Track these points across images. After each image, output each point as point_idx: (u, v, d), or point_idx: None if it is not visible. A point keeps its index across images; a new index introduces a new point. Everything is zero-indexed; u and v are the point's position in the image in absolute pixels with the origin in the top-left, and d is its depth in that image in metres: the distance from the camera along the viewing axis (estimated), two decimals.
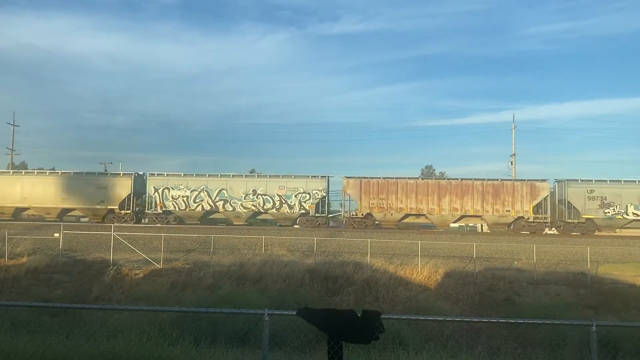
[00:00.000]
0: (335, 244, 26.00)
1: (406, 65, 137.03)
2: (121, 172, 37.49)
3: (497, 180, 33.91)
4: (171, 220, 34.52)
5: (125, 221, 34.26)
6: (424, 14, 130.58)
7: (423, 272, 21.22)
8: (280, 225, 34.51)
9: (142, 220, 35.67)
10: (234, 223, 34.47)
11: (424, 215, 33.79)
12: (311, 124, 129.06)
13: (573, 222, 32.34)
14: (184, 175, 35.54)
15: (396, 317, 7.61)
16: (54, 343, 7.11)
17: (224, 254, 24.47)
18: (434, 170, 74.97)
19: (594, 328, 5.26)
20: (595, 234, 32.06)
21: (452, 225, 34.67)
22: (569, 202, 32.54)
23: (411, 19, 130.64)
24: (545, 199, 33.16)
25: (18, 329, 9.05)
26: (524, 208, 32.90)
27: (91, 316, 12.95)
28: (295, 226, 34.19)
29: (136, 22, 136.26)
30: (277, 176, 35.18)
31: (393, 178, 34.05)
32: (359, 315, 4.90)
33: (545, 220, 33.00)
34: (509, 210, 32.91)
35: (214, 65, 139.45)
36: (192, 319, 11.92)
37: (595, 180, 32.97)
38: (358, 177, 34.24)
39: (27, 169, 61.90)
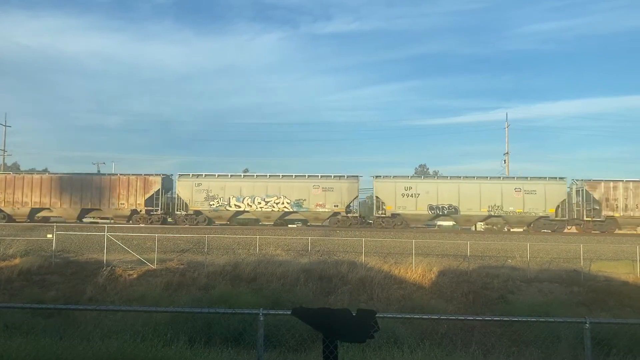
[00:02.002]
0: (330, 244, 26.01)
1: (400, 65, 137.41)
2: None
3: (116, 175, 36.01)
4: None
5: None
6: (417, 14, 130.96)
7: (417, 270, 21.26)
8: None
9: None
10: None
11: (48, 209, 35.38)
12: (305, 123, 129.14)
13: (181, 215, 34.35)
14: None
15: (391, 315, 7.62)
16: (47, 344, 7.09)
17: (218, 254, 24.41)
18: (428, 169, 75.14)
19: (587, 325, 5.28)
20: (197, 224, 33.64)
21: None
22: (178, 195, 34.59)
23: (405, 18, 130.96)
24: (156, 192, 34.75)
25: (11, 331, 9.01)
26: (137, 201, 34.66)
27: (85, 317, 12.90)
28: (290, 226, 34.34)
29: (129, 22, 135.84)
30: None
31: (21, 173, 36.07)
32: (353, 314, 4.91)
33: (156, 212, 34.61)
34: (124, 204, 34.60)
35: (208, 64, 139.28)
36: (187, 320, 11.90)
37: (205, 175, 34.96)
38: None
39: (19, 170, 61.52)
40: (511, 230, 34.03)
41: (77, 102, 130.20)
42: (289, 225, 34.77)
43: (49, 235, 23.78)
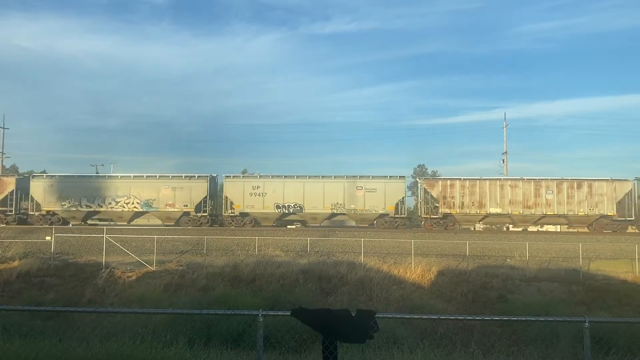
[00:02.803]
0: (329, 244, 25.99)
1: (398, 65, 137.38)
2: None
3: None
4: None
5: None
6: (415, 14, 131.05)
7: (416, 270, 21.25)
8: None
9: None
10: None
11: None
12: (304, 123, 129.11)
13: (34, 215, 34.85)
14: None
15: (390, 316, 7.63)
16: (46, 347, 7.07)
17: (217, 255, 24.39)
18: (427, 169, 75.13)
19: (586, 324, 5.29)
20: (52, 225, 32.85)
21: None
22: (31, 196, 35.26)
23: (403, 18, 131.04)
24: (11, 193, 35.03)
25: (10, 333, 9.00)
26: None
27: (84, 319, 12.87)
28: (290, 227, 34.35)
29: (127, 23, 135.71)
30: None
31: None
32: (353, 315, 4.91)
33: (10, 213, 34.94)
34: None
35: (206, 65, 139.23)
36: (186, 321, 11.89)
37: (58, 175, 35.91)
38: None
39: (17, 172, 61.42)
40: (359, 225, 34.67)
41: (75, 103, 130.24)
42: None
43: (48, 238, 23.75)
